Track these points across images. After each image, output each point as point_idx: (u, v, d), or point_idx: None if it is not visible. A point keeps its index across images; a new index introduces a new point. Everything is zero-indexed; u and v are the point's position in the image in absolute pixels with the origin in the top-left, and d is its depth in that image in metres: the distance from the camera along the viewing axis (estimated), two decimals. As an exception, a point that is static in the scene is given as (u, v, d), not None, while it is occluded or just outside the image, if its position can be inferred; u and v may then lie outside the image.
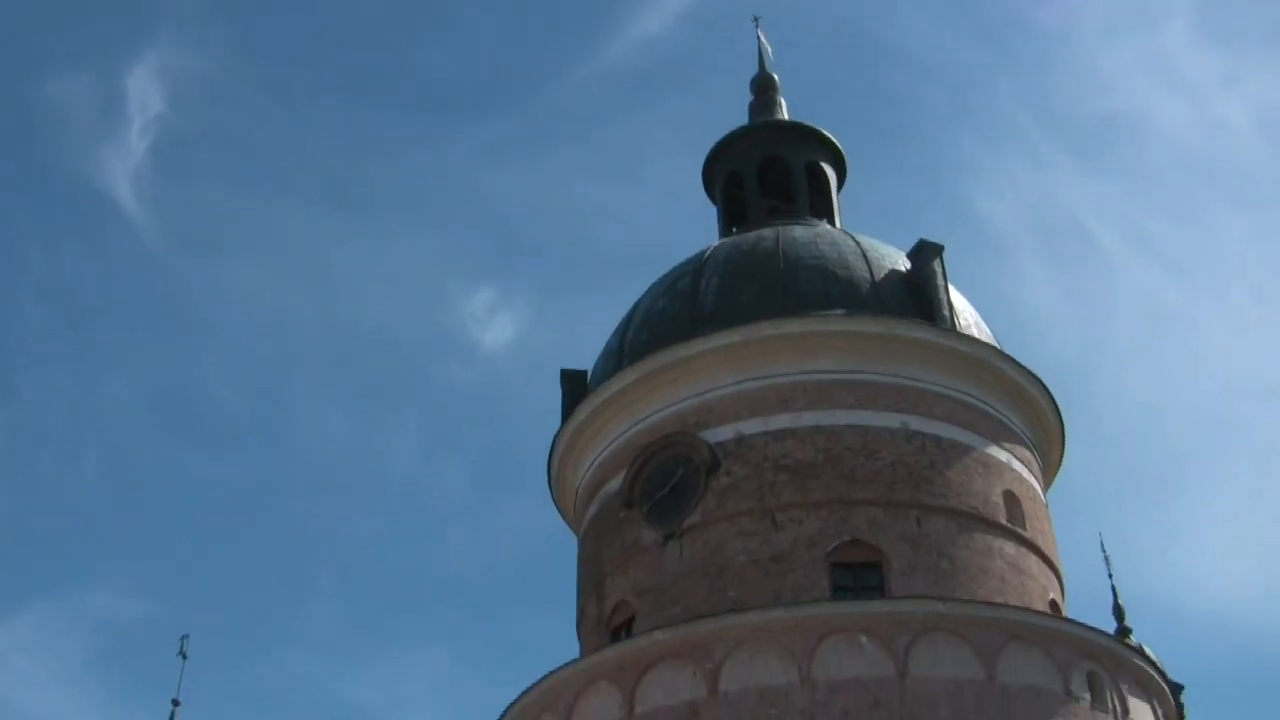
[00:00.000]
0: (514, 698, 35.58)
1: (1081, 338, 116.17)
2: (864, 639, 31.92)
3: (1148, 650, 41.65)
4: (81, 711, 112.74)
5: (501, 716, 36.15)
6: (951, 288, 39.97)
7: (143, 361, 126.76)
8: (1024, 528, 37.20)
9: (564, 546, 42.42)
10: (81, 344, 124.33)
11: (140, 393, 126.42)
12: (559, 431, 40.93)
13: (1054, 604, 37.12)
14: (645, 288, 42.71)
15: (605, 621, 37.29)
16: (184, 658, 71.89)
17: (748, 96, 50.45)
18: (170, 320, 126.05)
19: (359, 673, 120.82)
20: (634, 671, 32.97)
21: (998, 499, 36.90)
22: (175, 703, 71.35)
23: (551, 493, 42.63)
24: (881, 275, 39.67)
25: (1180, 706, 43.73)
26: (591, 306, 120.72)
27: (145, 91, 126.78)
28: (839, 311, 38.22)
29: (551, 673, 34.61)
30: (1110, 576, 53.95)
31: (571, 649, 38.61)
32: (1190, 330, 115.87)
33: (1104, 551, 56.50)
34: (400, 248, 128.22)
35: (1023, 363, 39.47)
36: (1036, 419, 40.10)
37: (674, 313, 39.99)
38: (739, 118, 49.41)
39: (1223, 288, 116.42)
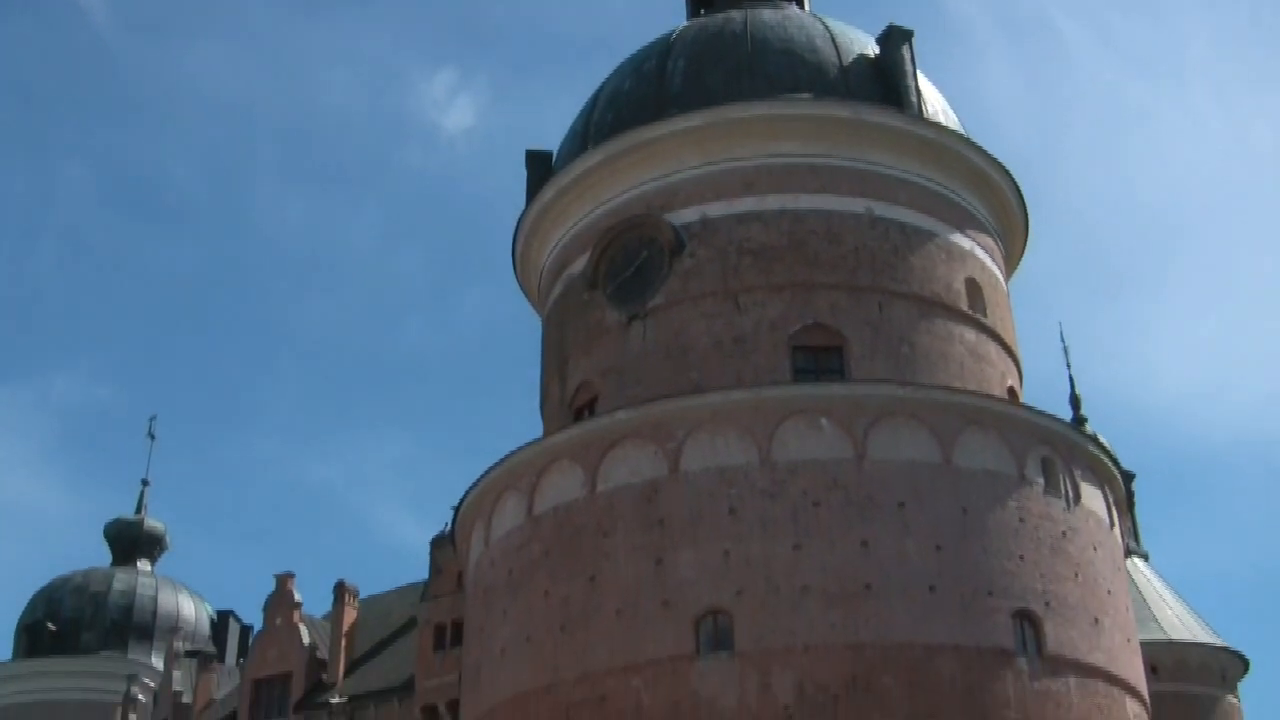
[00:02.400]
0: (477, 476, 36.10)
1: (1044, 133, 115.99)
2: (824, 421, 32.36)
3: (1102, 439, 42.27)
4: (51, 493, 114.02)
5: (466, 494, 36.68)
6: (919, 74, 39.57)
7: (98, 146, 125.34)
8: (985, 315, 37.47)
9: (527, 330, 42.59)
10: (35, 129, 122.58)
11: (97, 178, 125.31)
12: (524, 212, 40.72)
13: (1012, 391, 37.59)
14: (611, 71, 42.14)
15: (569, 402, 37.62)
16: (152, 438, 72.71)
17: (717, -126, 49.12)
18: (125, 104, 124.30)
19: (321, 454, 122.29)
20: (597, 450, 33.44)
21: (960, 286, 37.08)
22: (145, 482, 72.38)
23: (516, 274, 42.60)
24: (849, 60, 39.24)
25: (1131, 494, 44.74)
26: (555, 90, 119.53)
27: None
28: (806, 95, 37.89)
29: (515, 451, 35.03)
30: (1068, 367, 54.80)
31: (534, 432, 39.03)
32: (1152, 129, 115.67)
33: (1063, 343, 57.27)
34: (357, 29, 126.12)
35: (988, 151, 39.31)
36: (1000, 207, 40.09)
37: (640, 94, 39.55)
38: (708, -104, 48.05)
39: (1185, 87, 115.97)
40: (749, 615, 30.66)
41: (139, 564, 68.72)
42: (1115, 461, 36.69)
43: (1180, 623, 45.91)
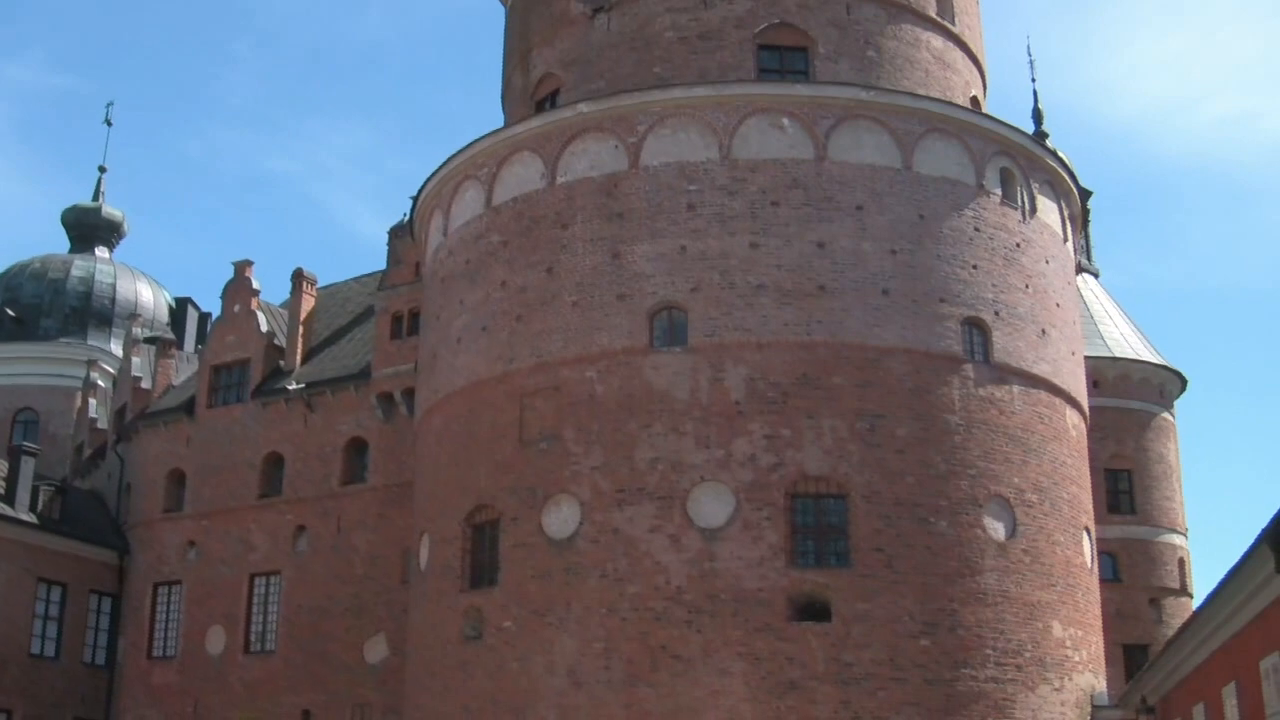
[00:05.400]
0: (437, 166, 35.99)
1: None
2: (786, 121, 32.30)
3: (1061, 154, 42.29)
4: (7, 179, 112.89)
5: (425, 183, 36.62)
6: None
7: None
8: (953, 23, 37.13)
9: (490, 20, 41.83)
10: None
11: None
12: (490, -101, 39.67)
13: (975, 101, 37.50)
14: None
15: (531, 93, 37.32)
16: (109, 124, 71.76)
17: None
18: None
19: (280, 144, 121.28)
20: (557, 142, 33.36)
21: (929, -10, 36.61)
22: (102, 169, 71.66)
23: (480, -37, 41.76)
24: None
25: (1086, 211, 44.96)
26: None
27: None
28: None
29: (475, 141, 34.87)
30: (1033, 81, 54.49)
31: (496, 125, 38.71)
32: None
33: (1029, 55, 56.93)
34: None
35: None
36: (974, -90, 39.35)
37: None
38: None
39: None
40: (703, 310, 31.15)
41: (97, 251, 68.44)
42: (1073, 176, 36.90)
43: (1124, 340, 46.74)
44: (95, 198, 70.61)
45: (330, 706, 40.45)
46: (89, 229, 69.13)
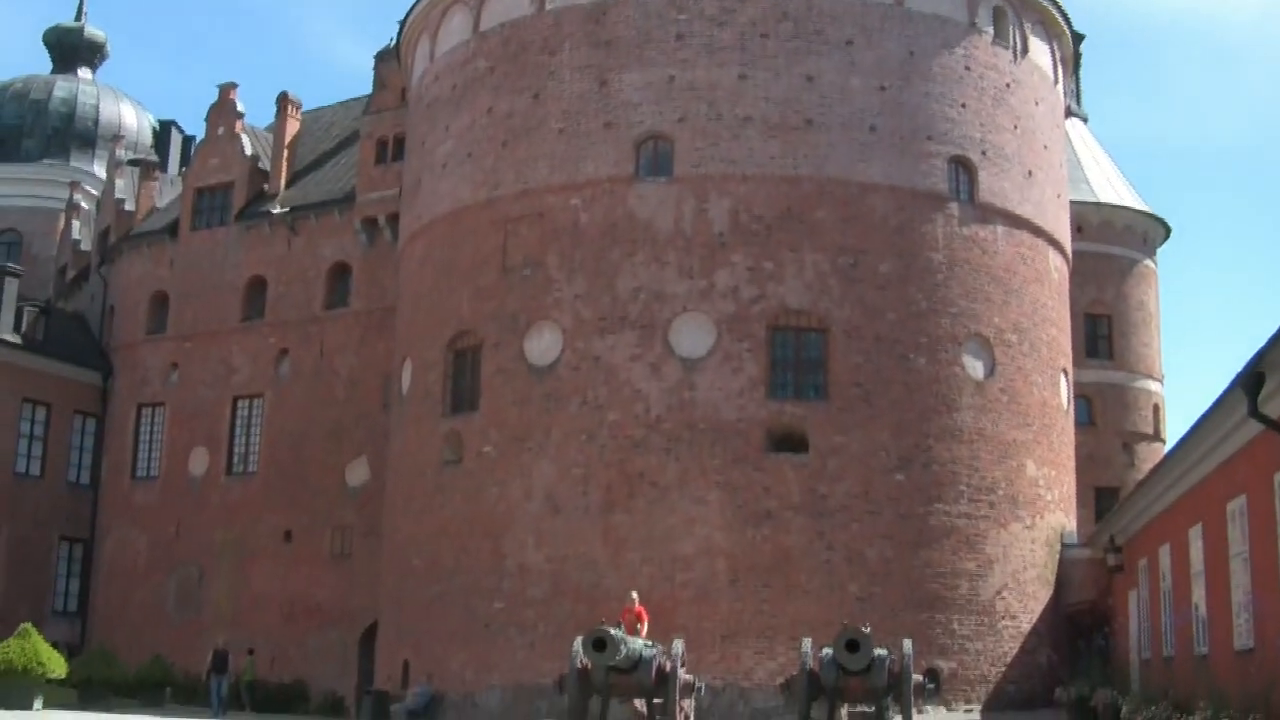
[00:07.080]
0: (424, -15, 35.60)
1: None
2: (778, -52, 31.83)
3: (1056, -4, 41.87)
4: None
5: (412, 7, 36.26)
6: None
7: None
8: None
9: None
10: None
11: None
12: None
13: (971, -63, 36.91)
14: None
15: (521, -83, 36.70)
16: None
17: None
18: None
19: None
20: (546, -33, 32.92)
21: None
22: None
23: None
24: None
25: (1078, 55, 44.56)
26: None
27: None
28: None
29: (464, -35, 34.41)
30: (1031, -78, 53.57)
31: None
32: None
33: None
34: None
35: None
36: None
37: None
38: None
39: None
40: (689, 141, 31.02)
41: (79, 72, 67.51)
42: (1066, 18, 36.54)
43: (1110, 185, 46.61)
44: (77, 17, 69.53)
45: (310, 528, 41.00)
46: (71, 49, 68.13)
